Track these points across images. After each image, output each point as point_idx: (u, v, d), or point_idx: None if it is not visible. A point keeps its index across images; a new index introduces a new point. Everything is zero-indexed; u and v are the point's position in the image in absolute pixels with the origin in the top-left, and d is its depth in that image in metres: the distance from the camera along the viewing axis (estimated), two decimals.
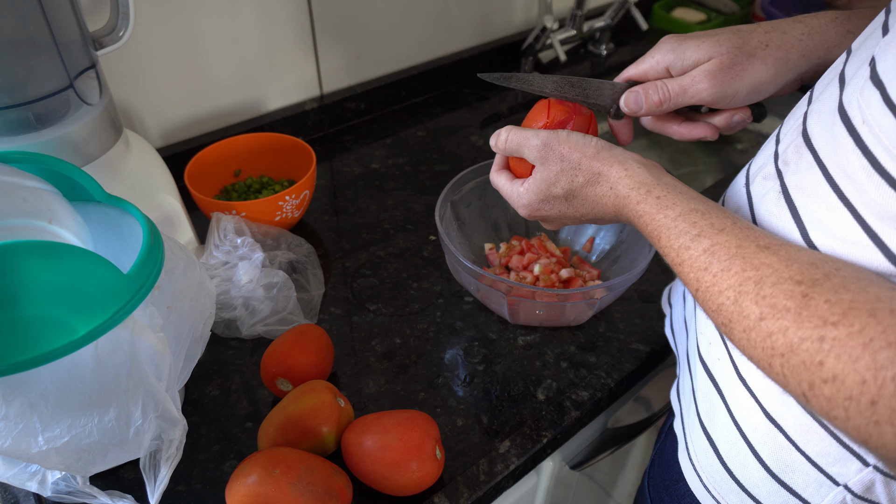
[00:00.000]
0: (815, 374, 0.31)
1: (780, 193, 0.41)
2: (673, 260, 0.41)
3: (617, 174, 0.47)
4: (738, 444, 0.46)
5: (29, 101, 0.56)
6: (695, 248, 0.39)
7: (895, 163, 0.32)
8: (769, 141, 0.46)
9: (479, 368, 0.66)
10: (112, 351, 0.42)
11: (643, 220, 0.44)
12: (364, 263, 0.78)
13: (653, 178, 0.45)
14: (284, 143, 0.83)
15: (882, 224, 0.33)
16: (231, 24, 0.86)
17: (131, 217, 0.48)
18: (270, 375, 0.59)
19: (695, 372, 0.52)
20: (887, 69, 0.33)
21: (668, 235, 0.42)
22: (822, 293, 0.32)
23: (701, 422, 0.50)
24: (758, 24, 0.50)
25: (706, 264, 0.38)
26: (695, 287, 0.39)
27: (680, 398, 0.57)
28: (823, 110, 0.39)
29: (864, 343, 0.29)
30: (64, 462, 0.42)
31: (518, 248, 0.75)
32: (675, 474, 0.56)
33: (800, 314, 0.32)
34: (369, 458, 0.52)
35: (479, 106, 1.11)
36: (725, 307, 0.36)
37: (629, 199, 0.45)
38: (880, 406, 0.28)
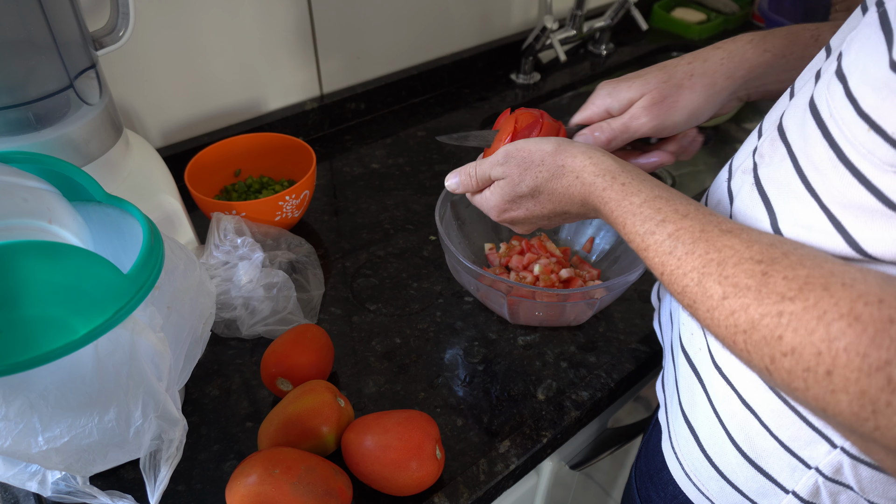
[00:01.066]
0: (776, 348, 0.32)
1: (753, 185, 0.43)
2: (638, 245, 0.42)
3: (581, 163, 0.48)
4: (717, 432, 0.47)
5: (29, 101, 0.56)
6: (660, 233, 0.40)
7: (857, 154, 0.33)
8: (751, 136, 0.47)
9: (479, 368, 0.66)
10: (112, 351, 0.42)
11: (608, 207, 0.45)
12: (364, 263, 0.78)
13: (617, 166, 0.46)
14: (284, 143, 0.83)
15: (845, 212, 0.35)
16: (231, 24, 0.86)
17: (131, 217, 0.48)
18: (270, 375, 0.59)
19: (678, 362, 0.53)
20: (850, 63, 0.34)
21: (633, 221, 0.43)
22: (781, 270, 0.33)
23: (683, 411, 0.52)
24: (681, 57, 0.55)
25: (671, 248, 0.39)
26: (660, 271, 0.40)
27: (664, 389, 0.58)
28: (798, 105, 0.40)
29: (818, 316, 0.30)
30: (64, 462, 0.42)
31: (518, 248, 0.75)
32: (658, 463, 0.57)
33: (760, 291, 0.33)
34: (369, 458, 0.52)
35: (479, 106, 1.11)
36: (690, 289, 0.37)
37: (595, 186, 0.46)
38: (835, 376, 0.29)
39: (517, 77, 1.18)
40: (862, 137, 0.33)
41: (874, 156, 0.32)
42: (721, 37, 1.33)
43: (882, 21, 0.32)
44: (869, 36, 0.33)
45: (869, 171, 0.33)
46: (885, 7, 0.32)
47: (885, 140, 0.31)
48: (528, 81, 1.18)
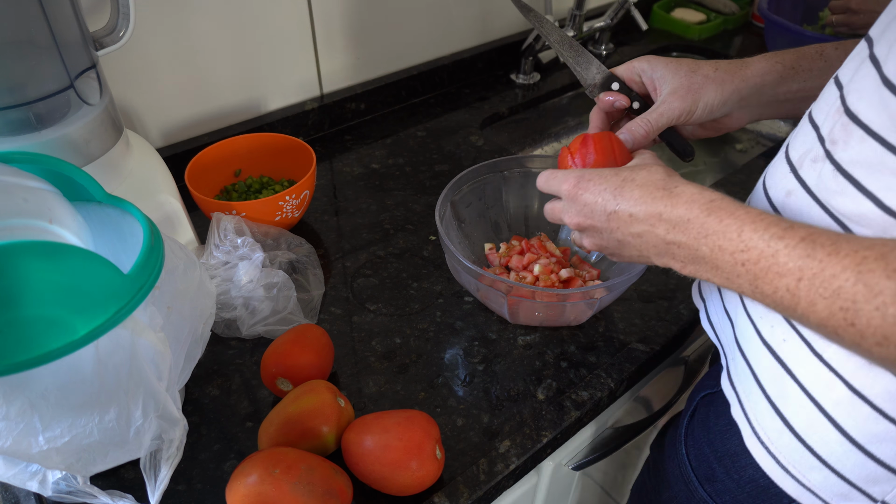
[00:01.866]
0: None
1: (834, 170, 0.42)
2: (760, 253, 0.39)
3: (691, 189, 0.47)
4: (818, 421, 0.46)
5: (29, 101, 0.56)
6: (790, 238, 0.38)
7: None
8: (799, 130, 0.48)
9: (479, 368, 0.66)
10: (112, 351, 0.42)
11: (717, 215, 0.43)
12: (364, 263, 0.78)
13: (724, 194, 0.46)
14: (284, 143, 0.83)
15: None
16: (231, 24, 0.86)
17: (131, 217, 0.48)
18: (270, 375, 0.59)
19: (755, 357, 0.51)
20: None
21: (753, 227, 0.40)
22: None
23: (773, 404, 0.50)
24: (708, 61, 0.61)
25: (808, 251, 0.37)
26: (796, 277, 0.37)
27: (735, 386, 0.56)
28: (864, 87, 0.40)
29: None
30: (64, 462, 0.42)
31: (518, 248, 0.75)
32: (742, 462, 0.55)
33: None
34: (369, 458, 0.52)
35: (479, 106, 1.11)
36: (846, 289, 0.35)
37: (701, 196, 0.45)
38: None
39: (517, 77, 1.18)
40: None
41: None
42: (721, 37, 1.34)
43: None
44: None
45: None
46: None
47: None
48: (528, 81, 1.18)
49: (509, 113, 1.12)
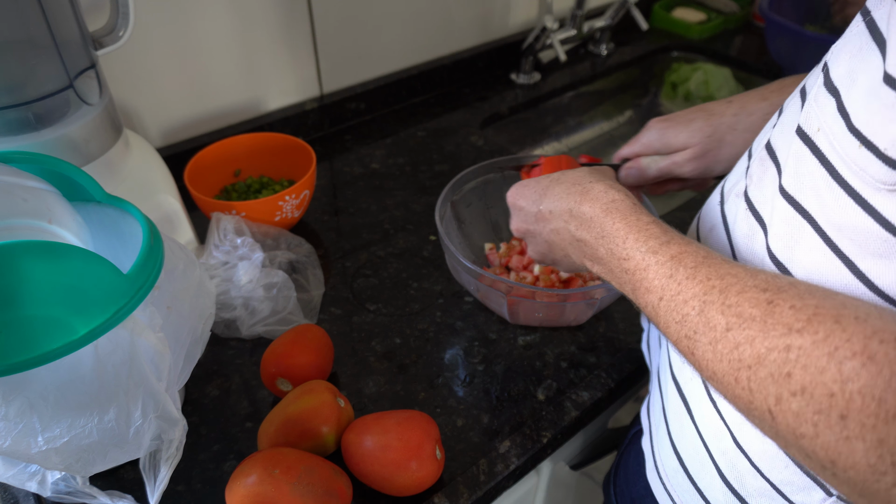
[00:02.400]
0: (783, 386, 0.29)
1: (747, 210, 0.41)
2: (637, 264, 0.40)
3: (599, 187, 0.47)
4: (707, 466, 0.46)
5: (29, 100, 0.56)
6: (663, 253, 0.38)
7: (850, 171, 0.31)
8: (743, 158, 0.46)
9: (479, 368, 0.66)
10: (112, 351, 0.42)
11: (612, 217, 0.43)
12: (364, 263, 0.78)
13: (630, 194, 0.46)
14: (284, 143, 0.83)
15: (840, 235, 0.33)
16: (231, 24, 0.86)
17: (131, 217, 0.48)
18: (270, 375, 0.59)
19: (666, 390, 0.52)
20: (840, 76, 0.32)
21: (636, 237, 0.41)
22: (788, 299, 0.31)
23: (672, 441, 0.50)
24: (728, 103, 0.56)
25: (672, 271, 0.37)
26: (658, 296, 0.38)
27: (650, 416, 0.56)
28: (786, 122, 0.39)
29: (829, 352, 0.28)
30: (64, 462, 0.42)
31: (518, 248, 0.75)
32: (642, 489, 0.56)
33: (765, 322, 0.31)
34: (369, 459, 0.52)
35: (479, 106, 1.11)
36: (691, 318, 0.35)
37: (605, 195, 0.45)
38: (850, 421, 0.27)
39: (517, 77, 1.18)
40: (853, 154, 0.31)
41: (866, 173, 0.30)
42: (721, 37, 1.34)
43: (871, 30, 0.31)
44: (860, 48, 0.31)
45: (863, 189, 0.31)
46: (873, 16, 0.31)
47: (878, 157, 0.29)
48: (528, 81, 1.18)
49: (509, 113, 1.12)
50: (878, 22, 0.30)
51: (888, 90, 0.29)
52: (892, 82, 0.28)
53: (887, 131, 0.29)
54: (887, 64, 0.29)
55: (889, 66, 0.29)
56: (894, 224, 0.30)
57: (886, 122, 0.29)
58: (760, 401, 0.30)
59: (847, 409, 0.27)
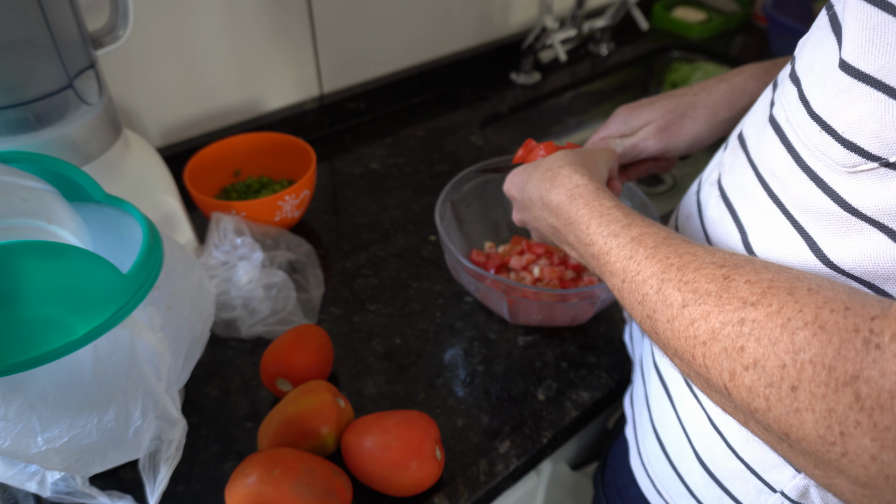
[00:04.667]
0: (737, 360, 0.29)
1: (719, 196, 0.42)
2: (600, 249, 0.40)
3: (565, 171, 0.47)
4: (685, 450, 0.46)
5: (28, 100, 0.56)
6: (623, 236, 0.39)
7: (812, 156, 0.32)
8: (720, 149, 0.47)
9: (479, 368, 0.66)
10: (111, 351, 0.42)
11: (576, 203, 0.44)
12: (364, 263, 0.78)
13: (595, 176, 0.46)
14: (284, 143, 0.83)
15: (806, 217, 0.33)
16: (231, 24, 0.86)
17: (131, 217, 0.47)
18: (270, 376, 0.59)
19: (648, 378, 0.52)
20: (802, 66, 0.34)
21: (598, 221, 0.41)
22: (743, 274, 0.31)
23: (654, 428, 0.51)
24: (689, 87, 0.59)
25: (632, 252, 0.37)
26: (620, 279, 0.38)
27: (633, 404, 0.57)
28: (758, 112, 0.40)
29: (782, 323, 0.28)
30: (63, 462, 0.42)
31: (519, 249, 0.75)
32: (626, 478, 0.57)
33: (720, 297, 0.31)
34: (369, 459, 0.52)
35: (479, 106, 1.11)
36: (649, 297, 0.35)
37: (570, 179, 0.46)
38: (800, 392, 0.27)
39: (517, 77, 1.18)
40: (815, 139, 0.32)
41: (827, 157, 0.31)
42: (722, 37, 1.34)
43: (832, 22, 0.32)
44: (820, 38, 0.33)
45: (824, 173, 0.32)
46: (835, 9, 0.32)
47: (837, 140, 0.30)
48: (528, 81, 1.17)
49: (509, 113, 1.12)
50: (838, 14, 0.32)
51: (843, 75, 0.30)
52: (846, 68, 0.30)
53: (843, 115, 0.30)
54: (843, 51, 0.30)
55: (844, 53, 0.30)
56: (852, 204, 0.31)
57: (843, 106, 0.30)
58: (716, 377, 0.30)
59: (798, 380, 0.27)
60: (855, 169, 0.30)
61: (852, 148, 0.30)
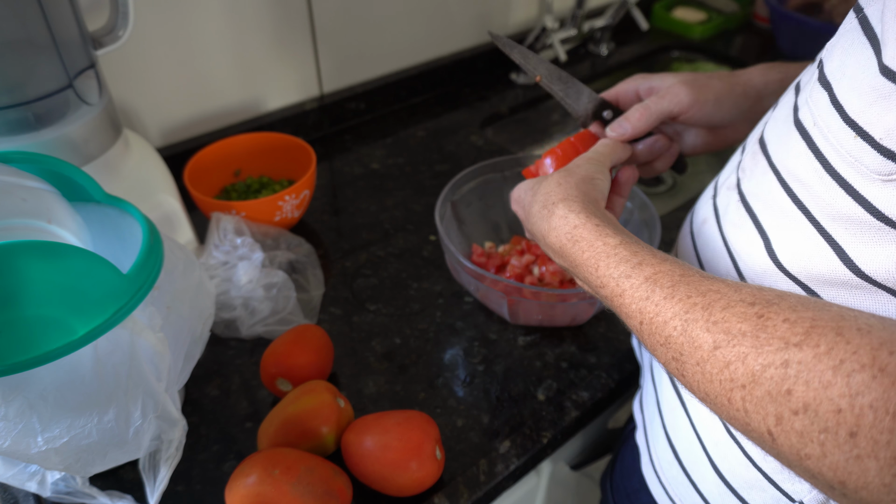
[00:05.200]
0: (784, 404, 0.27)
1: (738, 202, 0.41)
2: (612, 291, 0.38)
3: (559, 212, 0.44)
4: (700, 458, 0.46)
5: (28, 100, 0.56)
6: (636, 277, 0.36)
7: (843, 163, 0.32)
8: (736, 152, 0.47)
9: (479, 368, 0.66)
10: (111, 351, 0.42)
11: (579, 247, 0.41)
12: (364, 263, 0.78)
13: (593, 208, 0.43)
14: (284, 143, 0.83)
15: (835, 225, 0.33)
16: (231, 24, 0.86)
17: (131, 217, 0.48)
18: (270, 376, 0.59)
19: (660, 384, 0.52)
20: (833, 70, 0.33)
21: (606, 263, 0.38)
22: (780, 312, 0.29)
23: (667, 434, 0.50)
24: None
25: (647, 293, 0.35)
26: (638, 321, 0.36)
27: (643, 410, 0.57)
28: (780, 117, 0.39)
29: (833, 366, 0.26)
30: (63, 462, 0.42)
31: (519, 249, 0.75)
32: (636, 484, 0.56)
33: (758, 337, 0.29)
34: (369, 459, 0.52)
35: (479, 106, 1.11)
36: (674, 339, 0.33)
37: (566, 220, 0.43)
38: (860, 438, 0.25)
39: (517, 77, 1.18)
40: (849, 145, 0.31)
41: (861, 164, 0.30)
42: (722, 37, 1.34)
43: (864, 26, 0.32)
44: (851, 42, 0.32)
45: (856, 180, 0.31)
46: (865, 12, 0.32)
47: (873, 147, 0.30)
48: (528, 81, 1.17)
49: (509, 113, 1.12)
50: (871, 18, 0.31)
51: (884, 81, 0.29)
52: (889, 74, 0.29)
53: (882, 121, 0.29)
54: (884, 56, 0.29)
55: (886, 58, 0.29)
56: (884, 213, 0.30)
57: (882, 112, 0.29)
58: (758, 421, 0.29)
59: (857, 426, 0.25)
60: (890, 177, 0.29)
61: (889, 155, 0.29)
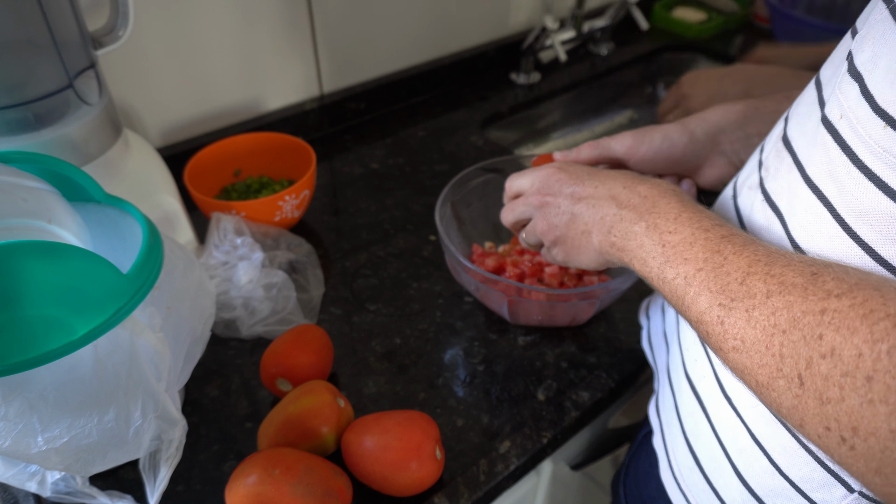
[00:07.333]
0: (814, 348, 0.29)
1: (763, 201, 0.42)
2: (685, 238, 0.40)
3: (656, 179, 0.49)
4: (723, 465, 0.45)
5: (28, 100, 0.56)
6: (714, 232, 0.39)
7: (872, 155, 0.31)
8: (754, 155, 0.47)
9: (479, 368, 0.66)
10: (111, 351, 0.42)
11: (667, 197, 0.44)
12: (364, 263, 0.78)
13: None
14: (284, 143, 0.83)
15: (859, 221, 0.33)
16: (231, 24, 0.86)
17: (131, 217, 0.47)
18: (270, 376, 0.59)
19: (678, 388, 0.51)
20: (865, 61, 0.33)
21: (689, 216, 0.42)
22: (832, 272, 0.31)
23: (687, 440, 0.50)
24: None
25: (719, 247, 0.38)
26: (698, 266, 0.38)
27: (660, 414, 0.56)
28: (802, 112, 0.39)
29: (863, 314, 0.28)
30: (63, 462, 0.42)
31: (519, 249, 0.75)
32: (653, 490, 0.56)
33: (806, 289, 0.31)
34: (369, 459, 0.52)
35: (479, 106, 1.11)
36: (731, 287, 0.35)
37: (665, 183, 0.47)
38: (875, 382, 0.27)
39: (517, 77, 1.18)
40: (878, 135, 0.31)
41: (890, 154, 0.30)
42: (721, 37, 1.34)
43: (895, 15, 0.31)
44: (884, 31, 0.32)
45: (885, 172, 0.31)
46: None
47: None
48: (528, 81, 1.17)
49: (509, 113, 1.12)
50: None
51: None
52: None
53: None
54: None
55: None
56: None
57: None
58: (791, 366, 0.30)
59: (874, 370, 0.27)
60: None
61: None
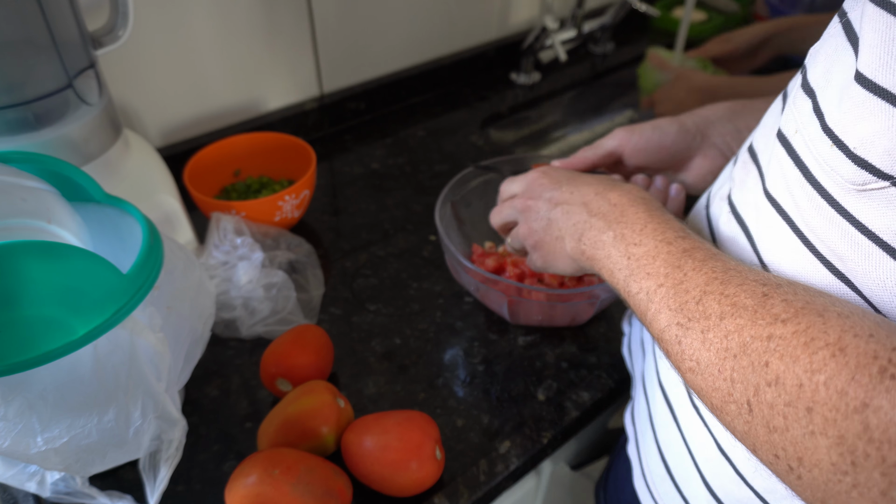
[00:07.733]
0: (761, 375, 0.29)
1: (730, 212, 0.42)
2: (648, 251, 0.40)
3: (628, 186, 0.48)
4: (692, 475, 0.45)
5: (28, 100, 0.56)
6: (676, 245, 0.39)
7: (822, 172, 0.31)
8: (729, 163, 0.47)
9: (479, 368, 0.66)
10: (111, 351, 0.42)
11: (636, 207, 0.44)
12: (364, 263, 0.78)
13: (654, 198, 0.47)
14: (284, 143, 0.83)
15: (815, 237, 0.33)
16: (231, 24, 0.86)
17: (131, 217, 0.47)
18: (270, 376, 0.59)
19: (652, 397, 0.51)
20: (817, 77, 0.33)
21: (654, 227, 0.41)
22: (782, 294, 0.31)
23: (659, 448, 0.50)
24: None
25: (680, 261, 0.37)
26: (659, 282, 0.38)
27: (635, 422, 0.56)
28: (768, 124, 0.39)
29: (805, 342, 0.28)
30: (63, 462, 0.42)
31: None
32: (629, 496, 0.56)
33: (756, 312, 0.31)
34: (369, 459, 0.52)
35: (479, 106, 1.11)
36: (688, 306, 0.35)
37: (636, 191, 0.47)
38: (815, 414, 0.26)
39: (517, 77, 1.18)
40: (826, 154, 0.31)
41: (837, 174, 0.30)
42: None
43: (847, 31, 0.31)
44: (836, 48, 0.32)
45: (834, 190, 0.31)
46: (849, 17, 0.31)
47: (847, 156, 0.29)
48: (528, 81, 1.17)
49: (509, 113, 1.12)
50: (853, 22, 0.30)
51: (859, 88, 0.29)
52: (862, 80, 0.28)
53: (857, 130, 0.29)
54: (859, 62, 0.29)
55: (860, 65, 0.29)
56: (865, 225, 0.29)
57: (857, 120, 0.29)
58: (740, 392, 0.30)
59: (813, 402, 0.26)
60: (865, 187, 0.29)
61: (863, 165, 0.29)
